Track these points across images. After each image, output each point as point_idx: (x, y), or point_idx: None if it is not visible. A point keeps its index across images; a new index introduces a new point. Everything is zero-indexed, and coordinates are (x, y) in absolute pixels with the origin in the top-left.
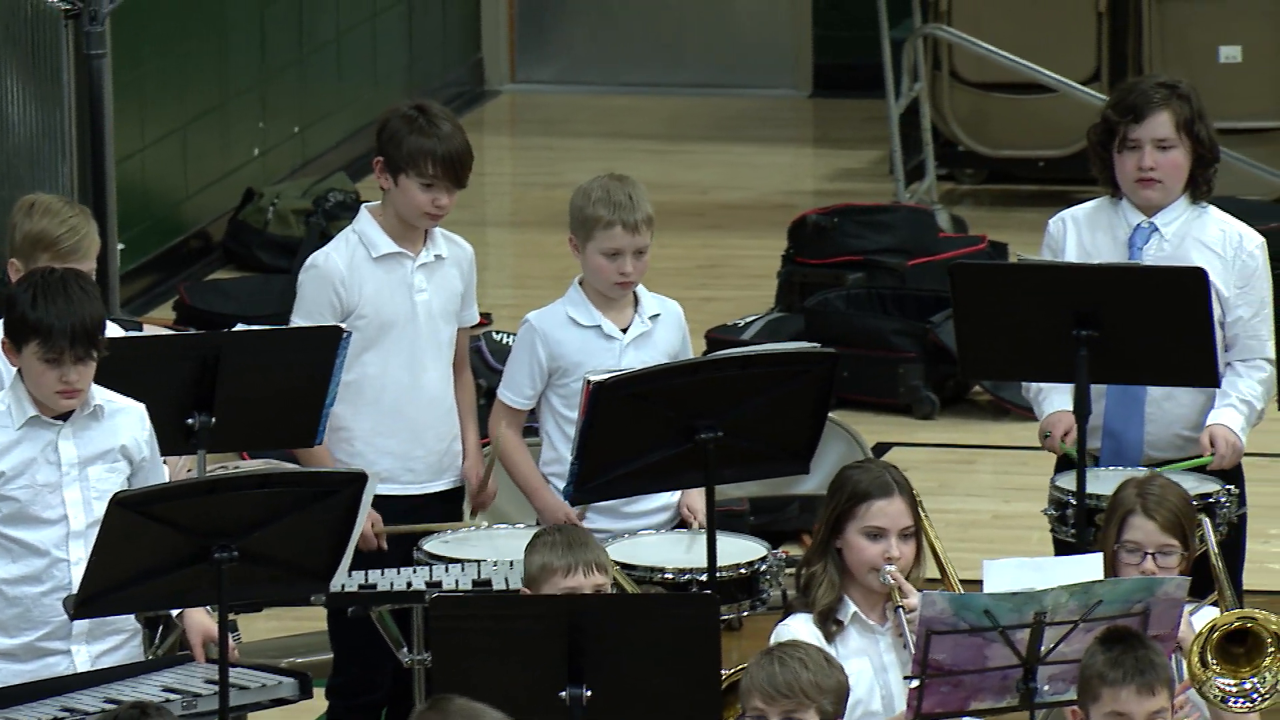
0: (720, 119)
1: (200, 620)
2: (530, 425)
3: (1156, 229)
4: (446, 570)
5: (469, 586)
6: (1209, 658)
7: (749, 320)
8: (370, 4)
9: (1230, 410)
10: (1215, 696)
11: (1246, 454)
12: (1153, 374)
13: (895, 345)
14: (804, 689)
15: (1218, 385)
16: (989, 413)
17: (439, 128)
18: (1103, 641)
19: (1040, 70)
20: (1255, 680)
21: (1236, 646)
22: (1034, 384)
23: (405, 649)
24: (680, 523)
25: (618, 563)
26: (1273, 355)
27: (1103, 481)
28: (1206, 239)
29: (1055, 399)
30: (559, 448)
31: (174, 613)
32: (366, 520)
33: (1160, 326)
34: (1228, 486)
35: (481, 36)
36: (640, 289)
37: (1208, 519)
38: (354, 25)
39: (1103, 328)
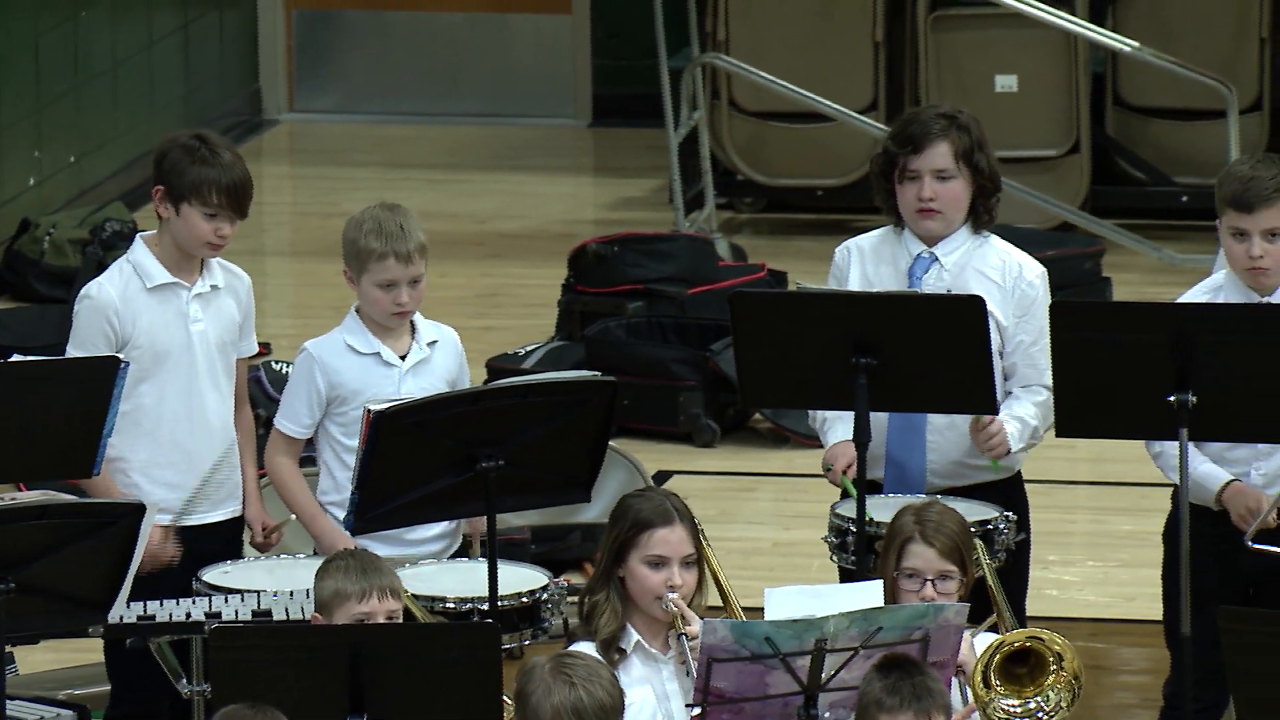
0: (500, 148)
1: None
2: (308, 455)
3: (936, 259)
4: (226, 601)
5: (249, 617)
6: (992, 679)
7: (530, 349)
8: (147, 33)
9: (1006, 425)
10: (1000, 718)
11: (1025, 480)
12: (932, 402)
13: (676, 373)
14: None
15: (995, 413)
16: (769, 440)
17: (220, 157)
18: (879, 669)
19: (818, 99)
20: (1039, 699)
21: (1019, 667)
22: (819, 413)
23: (184, 680)
24: (462, 547)
25: None
26: (1050, 382)
27: (882, 508)
28: (986, 269)
29: (839, 429)
30: (337, 476)
31: None
32: (156, 537)
33: (939, 355)
34: (1006, 513)
35: (259, 66)
36: (417, 316)
37: (983, 543)
38: (131, 54)
39: (882, 356)
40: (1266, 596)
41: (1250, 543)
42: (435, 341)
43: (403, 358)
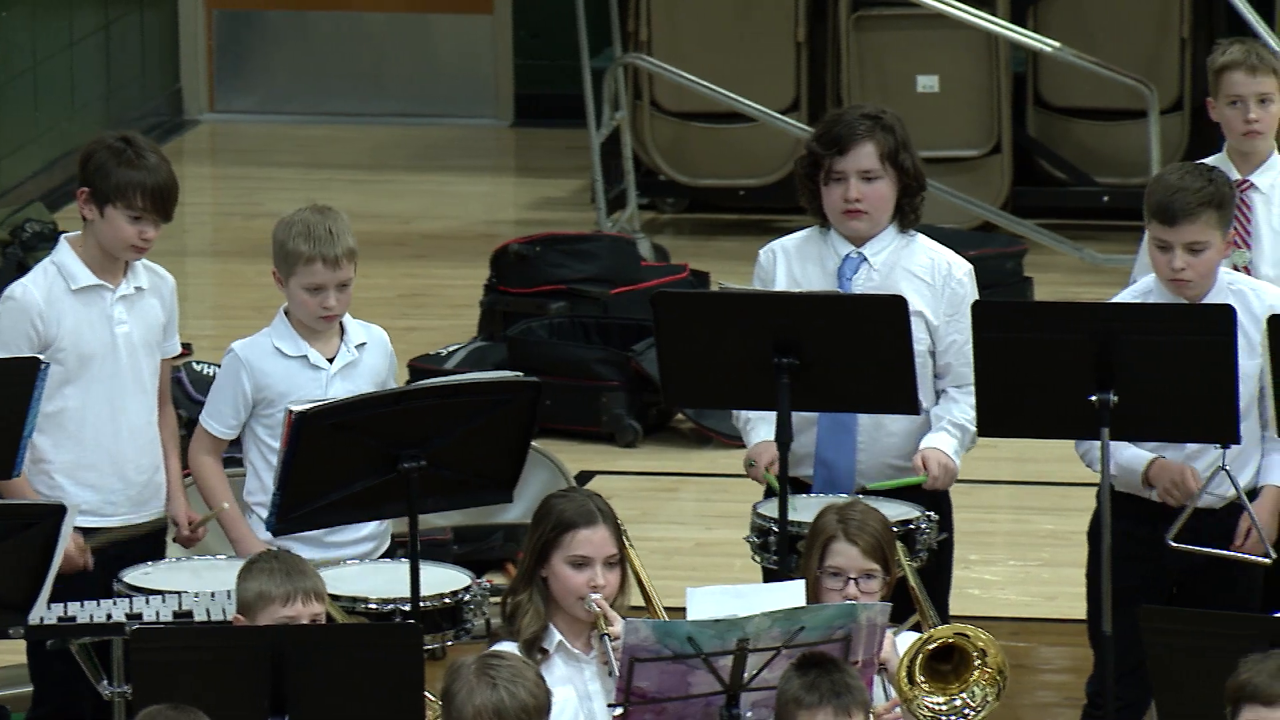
0: (422, 149)
1: None
2: (235, 456)
3: (865, 259)
4: (147, 602)
5: (170, 618)
6: (917, 676)
7: (452, 349)
8: (67, 33)
9: (943, 434)
10: (926, 715)
11: None
12: (853, 401)
13: (598, 374)
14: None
15: (916, 413)
16: (691, 440)
17: (146, 159)
18: (797, 667)
19: (740, 100)
20: (965, 696)
21: (943, 664)
22: (742, 413)
23: (105, 681)
24: (387, 552)
25: None
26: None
27: (804, 508)
28: (915, 268)
29: (763, 429)
30: (264, 478)
31: None
32: (72, 542)
33: (860, 354)
34: (928, 513)
35: (180, 66)
36: (346, 317)
37: (903, 543)
38: (51, 54)
39: (803, 355)
40: (1189, 595)
41: (1171, 542)
42: (364, 344)
43: (330, 360)
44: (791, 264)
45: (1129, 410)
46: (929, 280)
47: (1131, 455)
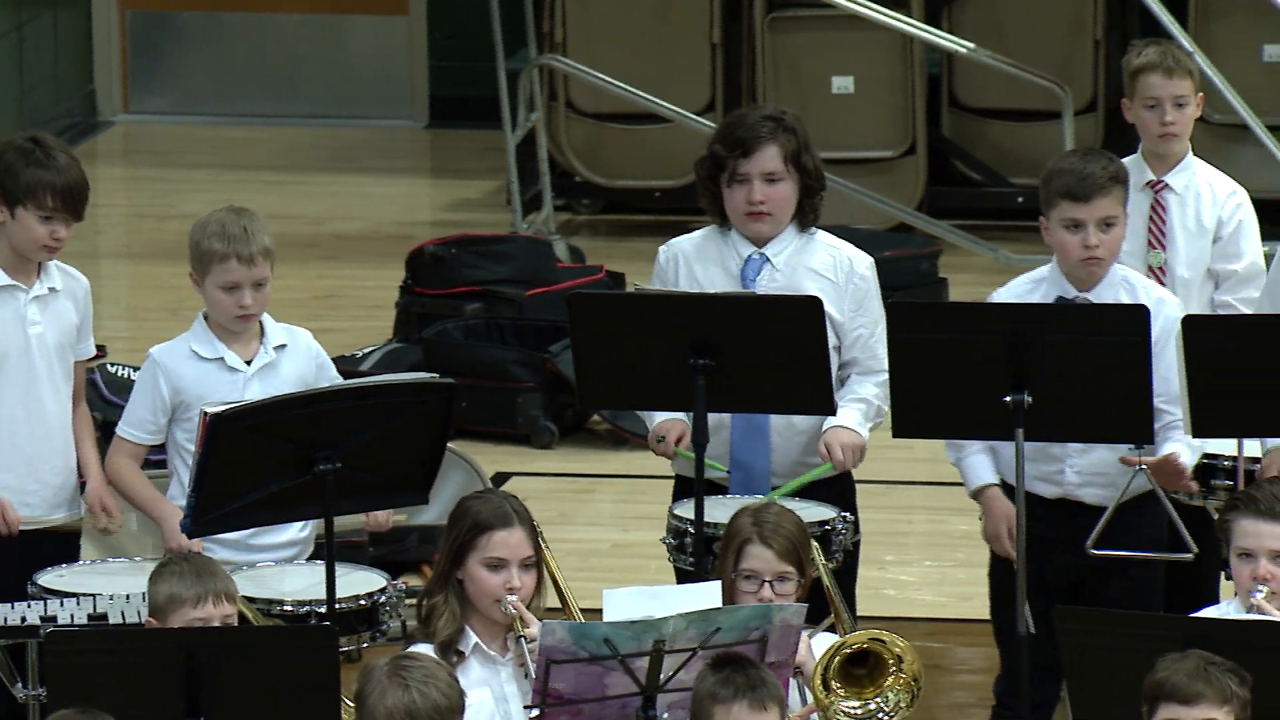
0: (337, 150)
1: None
2: (159, 459)
3: (768, 259)
4: (61, 604)
5: (84, 620)
6: (832, 680)
7: (367, 351)
8: None
9: (847, 410)
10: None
11: (860, 481)
12: (770, 402)
13: (514, 375)
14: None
15: (833, 413)
16: (608, 442)
17: (56, 160)
18: (712, 665)
19: (655, 100)
20: (879, 700)
21: (859, 668)
22: None
23: (19, 684)
24: (312, 552)
25: None
26: (888, 366)
27: (720, 510)
28: (817, 265)
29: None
30: (185, 482)
31: None
32: None
33: (776, 356)
34: (844, 513)
35: (94, 67)
36: (267, 319)
37: (820, 545)
38: None
39: (720, 357)
40: (1088, 594)
41: (1091, 550)
42: (284, 346)
43: (248, 362)
44: (692, 265)
45: (1043, 411)
46: (832, 278)
47: (974, 464)
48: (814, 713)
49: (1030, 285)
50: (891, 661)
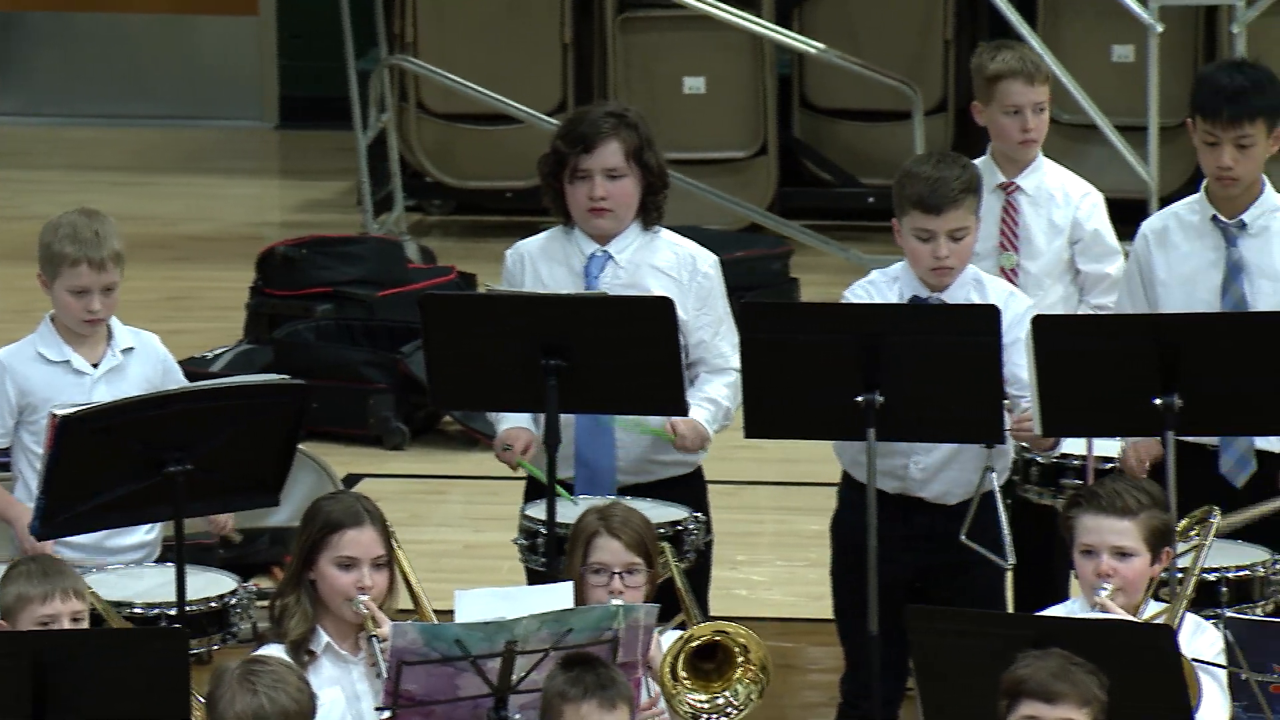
0: (187, 151)
1: None
2: (3, 461)
3: (611, 257)
4: None
5: None
6: (680, 672)
7: (218, 352)
8: None
9: (696, 409)
10: (687, 712)
11: (711, 482)
12: (622, 403)
13: (365, 376)
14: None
15: (685, 414)
16: (459, 443)
17: None
18: (562, 664)
19: (505, 101)
20: (728, 694)
21: (707, 663)
22: None
23: None
24: (162, 556)
25: None
26: (737, 364)
27: (571, 511)
28: (660, 263)
29: (512, 415)
30: (32, 485)
31: None
32: None
33: (628, 356)
34: (695, 514)
35: None
36: (115, 322)
37: (672, 545)
38: None
39: (571, 357)
40: (935, 593)
41: (963, 537)
42: (131, 349)
43: (95, 365)
44: (538, 265)
45: (895, 411)
46: (675, 276)
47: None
48: (659, 701)
49: (886, 282)
50: (738, 653)
